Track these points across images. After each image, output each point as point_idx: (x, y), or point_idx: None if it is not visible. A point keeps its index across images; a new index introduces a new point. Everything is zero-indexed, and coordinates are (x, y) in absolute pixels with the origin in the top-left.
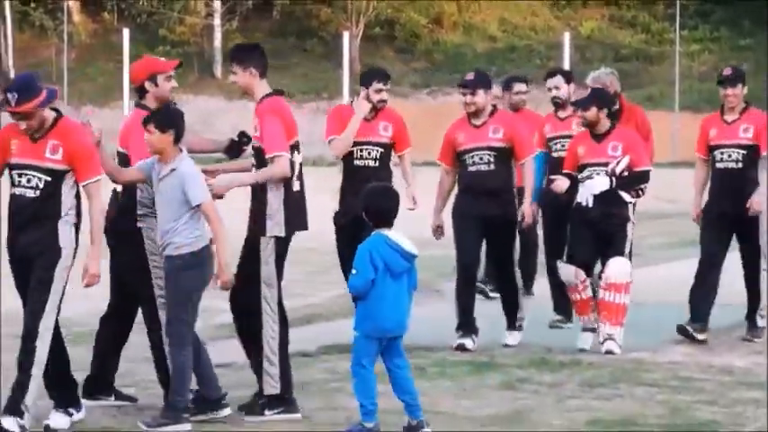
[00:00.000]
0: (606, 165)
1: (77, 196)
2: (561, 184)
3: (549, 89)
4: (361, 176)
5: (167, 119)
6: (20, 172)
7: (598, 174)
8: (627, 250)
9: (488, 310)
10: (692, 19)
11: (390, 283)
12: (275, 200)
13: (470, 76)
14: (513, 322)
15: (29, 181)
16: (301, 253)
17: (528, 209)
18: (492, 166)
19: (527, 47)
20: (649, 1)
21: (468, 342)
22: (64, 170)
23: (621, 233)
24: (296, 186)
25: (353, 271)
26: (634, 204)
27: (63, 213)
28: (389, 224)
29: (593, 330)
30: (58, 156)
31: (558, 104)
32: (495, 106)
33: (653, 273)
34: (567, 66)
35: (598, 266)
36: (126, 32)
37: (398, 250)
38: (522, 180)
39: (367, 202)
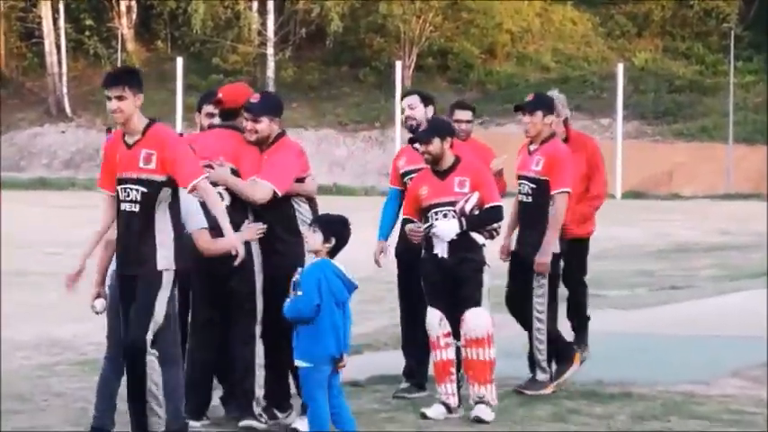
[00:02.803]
0: (453, 204)
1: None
2: (417, 237)
3: (403, 110)
4: None
5: None
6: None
7: (445, 215)
8: (484, 298)
9: None
10: (747, 50)
11: (336, 310)
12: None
13: (255, 98)
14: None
15: None
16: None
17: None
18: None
19: (580, 77)
20: (704, 32)
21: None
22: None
23: (476, 280)
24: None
25: (299, 293)
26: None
27: None
28: (335, 254)
29: (448, 408)
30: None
31: (412, 129)
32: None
33: (705, 305)
34: (620, 97)
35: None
36: (179, 61)
37: (342, 279)
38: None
39: (332, 229)
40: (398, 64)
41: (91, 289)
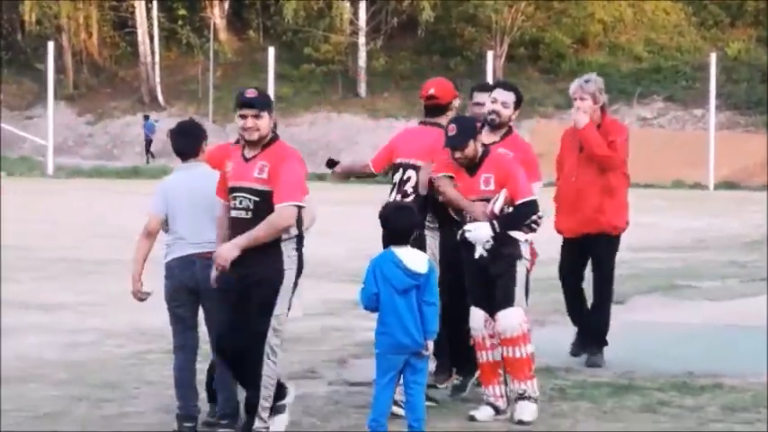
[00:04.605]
0: (481, 201)
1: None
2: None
3: (494, 100)
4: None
5: None
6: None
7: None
8: (518, 294)
9: (630, 329)
10: None
11: (398, 299)
12: None
13: (252, 93)
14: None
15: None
16: None
17: None
18: (250, 214)
19: (673, 67)
20: None
21: None
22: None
23: (509, 275)
24: None
25: (362, 285)
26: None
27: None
28: (403, 242)
29: (496, 409)
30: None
31: (491, 124)
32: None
33: None
34: (713, 87)
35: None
36: (271, 51)
37: (401, 267)
38: None
39: (382, 219)
40: (490, 54)
41: (133, 282)
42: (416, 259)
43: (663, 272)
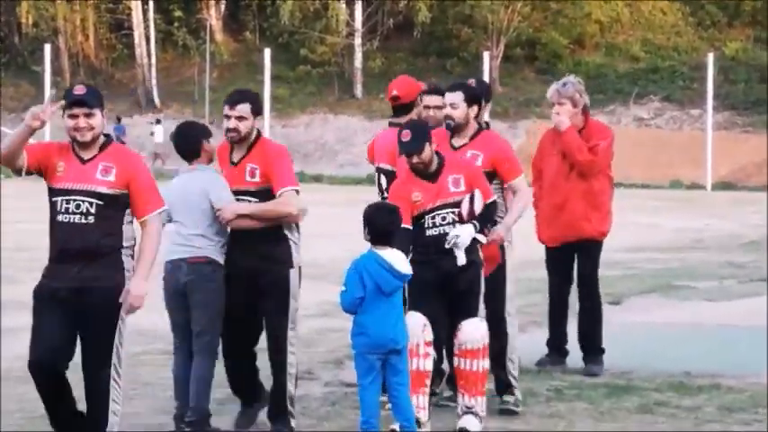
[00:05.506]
0: (453, 206)
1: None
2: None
3: (444, 105)
4: None
5: None
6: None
7: (444, 218)
8: (481, 304)
9: (628, 330)
10: None
11: (383, 300)
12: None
13: (81, 90)
14: None
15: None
16: None
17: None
18: (91, 219)
19: (670, 67)
20: None
21: None
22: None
23: (478, 284)
24: None
25: (343, 288)
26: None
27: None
28: (385, 242)
29: (417, 422)
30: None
31: (449, 128)
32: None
33: None
34: (710, 87)
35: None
36: (267, 52)
37: (388, 269)
38: None
39: (365, 218)
40: (486, 54)
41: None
42: (400, 260)
43: (660, 272)
